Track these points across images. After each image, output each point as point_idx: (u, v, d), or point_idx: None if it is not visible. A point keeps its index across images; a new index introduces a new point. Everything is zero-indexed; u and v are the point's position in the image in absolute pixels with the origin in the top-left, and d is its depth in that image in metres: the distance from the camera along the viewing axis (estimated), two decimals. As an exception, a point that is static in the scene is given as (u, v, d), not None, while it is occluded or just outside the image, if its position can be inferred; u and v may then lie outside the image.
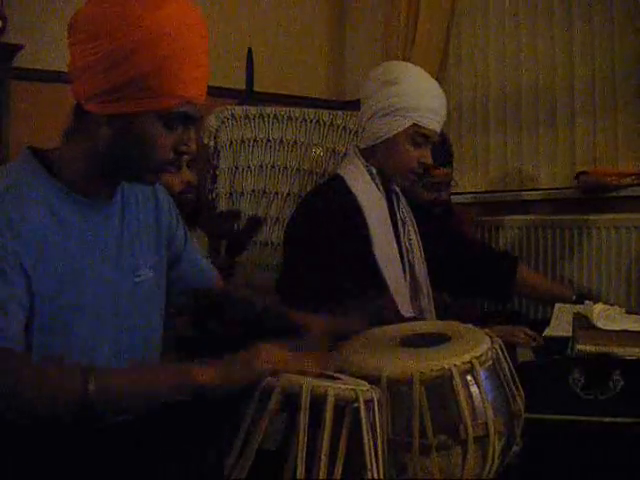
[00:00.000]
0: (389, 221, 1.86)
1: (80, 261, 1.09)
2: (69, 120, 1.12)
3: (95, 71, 1.05)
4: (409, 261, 1.88)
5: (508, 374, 1.15)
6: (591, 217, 2.67)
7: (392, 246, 1.84)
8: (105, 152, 1.09)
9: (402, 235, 1.90)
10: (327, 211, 1.78)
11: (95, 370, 0.96)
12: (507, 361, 1.16)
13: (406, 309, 1.78)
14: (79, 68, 1.07)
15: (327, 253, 1.71)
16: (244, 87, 2.95)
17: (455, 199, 3.03)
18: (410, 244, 1.90)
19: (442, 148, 2.30)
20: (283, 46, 3.32)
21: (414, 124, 1.80)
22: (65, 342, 1.06)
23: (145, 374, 1.02)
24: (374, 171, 1.85)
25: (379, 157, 1.85)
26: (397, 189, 1.94)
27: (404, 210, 1.94)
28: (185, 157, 1.15)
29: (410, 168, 1.84)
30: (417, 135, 1.81)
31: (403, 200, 1.95)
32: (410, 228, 1.92)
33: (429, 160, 1.85)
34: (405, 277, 1.86)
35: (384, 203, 1.86)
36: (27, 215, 1.03)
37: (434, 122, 1.82)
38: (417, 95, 1.80)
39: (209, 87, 1.11)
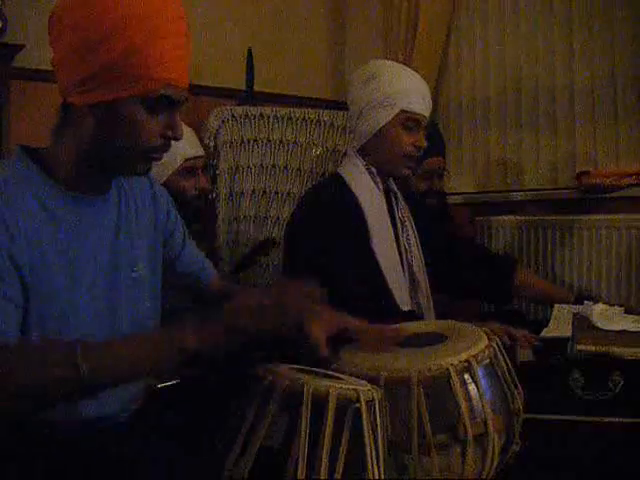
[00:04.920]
0: (388, 220, 1.86)
1: (74, 256, 1.09)
2: (57, 117, 1.13)
3: (71, 62, 1.06)
4: (407, 260, 1.89)
5: (506, 372, 1.15)
6: (591, 217, 2.66)
7: (391, 244, 1.85)
8: (91, 142, 1.09)
9: (400, 234, 1.90)
10: (326, 209, 1.79)
11: (82, 343, 0.95)
12: (505, 359, 1.16)
13: (405, 307, 1.79)
14: (58, 62, 1.08)
15: (327, 251, 1.71)
16: (244, 87, 2.95)
17: (455, 199, 3.04)
18: (408, 243, 1.91)
19: (433, 137, 2.31)
20: (283, 46, 3.31)
21: (402, 110, 1.81)
22: (59, 337, 1.05)
23: (135, 343, 1.00)
24: (374, 171, 1.85)
25: (375, 152, 1.85)
26: (395, 189, 1.95)
27: (403, 210, 1.94)
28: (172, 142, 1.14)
29: (406, 153, 1.84)
30: (407, 120, 1.82)
31: (402, 200, 1.96)
32: (408, 228, 1.93)
33: (423, 143, 1.85)
34: (404, 275, 1.86)
35: (383, 202, 1.87)
36: (20, 211, 1.03)
37: (421, 106, 1.83)
38: (399, 83, 1.82)
39: (209, 87, 1.11)
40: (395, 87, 1.81)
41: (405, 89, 1.81)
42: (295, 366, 1.04)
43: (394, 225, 1.89)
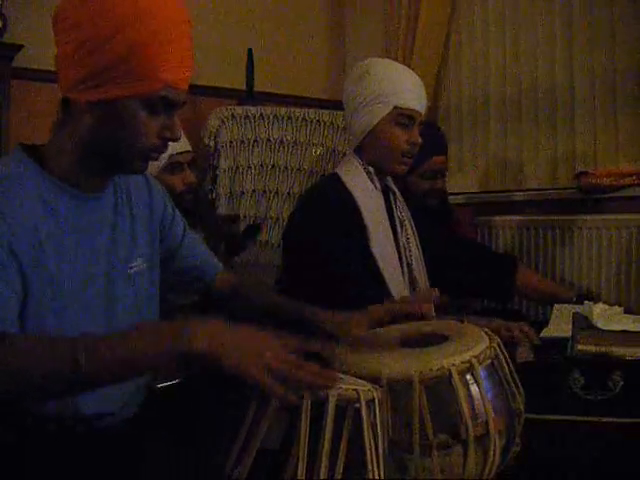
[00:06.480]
0: (386, 219, 1.86)
1: (72, 251, 1.10)
2: (57, 114, 1.13)
3: (73, 59, 1.07)
4: (406, 259, 1.89)
5: (508, 373, 1.15)
6: (591, 217, 2.67)
7: (390, 244, 1.84)
8: (89, 140, 1.10)
9: (399, 233, 1.90)
10: (323, 208, 1.79)
11: (84, 339, 0.94)
12: (506, 359, 1.16)
13: None
14: (60, 59, 1.09)
15: (325, 251, 1.71)
16: (244, 87, 2.96)
17: (454, 199, 3.04)
18: (408, 242, 1.90)
19: (436, 137, 2.30)
20: (283, 46, 3.32)
21: (395, 107, 1.81)
22: (56, 331, 1.06)
23: (135, 339, 0.95)
24: (371, 170, 1.85)
25: (371, 149, 1.85)
26: (394, 188, 1.95)
27: (401, 209, 1.94)
28: (170, 143, 1.15)
29: (401, 150, 1.83)
30: (401, 117, 1.81)
31: (400, 199, 1.96)
32: (407, 226, 1.92)
33: (418, 139, 1.84)
34: (403, 275, 1.86)
35: (381, 201, 1.86)
36: (19, 205, 1.04)
37: (414, 101, 1.83)
38: (391, 79, 1.82)
39: (209, 87, 1.11)
40: (388, 84, 1.81)
41: (398, 85, 1.81)
42: None
43: (393, 225, 1.89)
